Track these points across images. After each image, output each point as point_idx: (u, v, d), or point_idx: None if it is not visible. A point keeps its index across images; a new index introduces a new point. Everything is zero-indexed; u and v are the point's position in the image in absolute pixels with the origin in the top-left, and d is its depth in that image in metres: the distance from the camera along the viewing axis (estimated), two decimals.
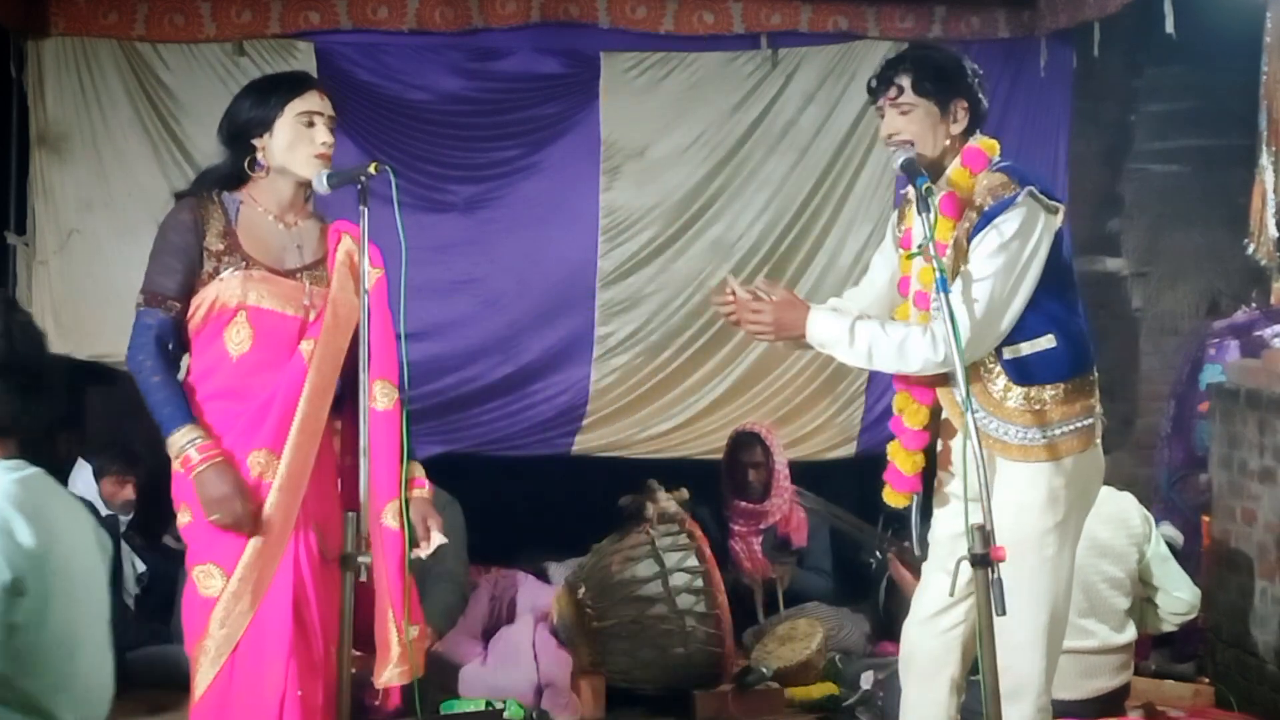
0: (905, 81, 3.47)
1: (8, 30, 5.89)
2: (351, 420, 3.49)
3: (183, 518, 3.39)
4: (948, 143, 3.48)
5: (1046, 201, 3.42)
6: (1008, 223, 3.36)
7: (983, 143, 3.51)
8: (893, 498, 3.66)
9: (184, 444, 3.28)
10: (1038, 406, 3.45)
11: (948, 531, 3.61)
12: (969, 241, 3.40)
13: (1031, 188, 3.39)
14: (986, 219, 3.38)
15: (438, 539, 3.47)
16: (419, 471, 3.51)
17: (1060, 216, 3.46)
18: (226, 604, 3.30)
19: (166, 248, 3.37)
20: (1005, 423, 3.45)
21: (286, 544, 3.34)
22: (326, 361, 3.40)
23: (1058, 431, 3.46)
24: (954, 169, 3.47)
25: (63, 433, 6.76)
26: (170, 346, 3.38)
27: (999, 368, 3.46)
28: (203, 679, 3.32)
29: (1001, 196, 3.38)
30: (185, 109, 5.88)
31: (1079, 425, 3.48)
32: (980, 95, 3.51)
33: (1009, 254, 3.35)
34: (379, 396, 3.41)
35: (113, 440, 5.81)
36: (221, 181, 3.46)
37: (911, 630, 3.69)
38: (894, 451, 3.65)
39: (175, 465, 3.32)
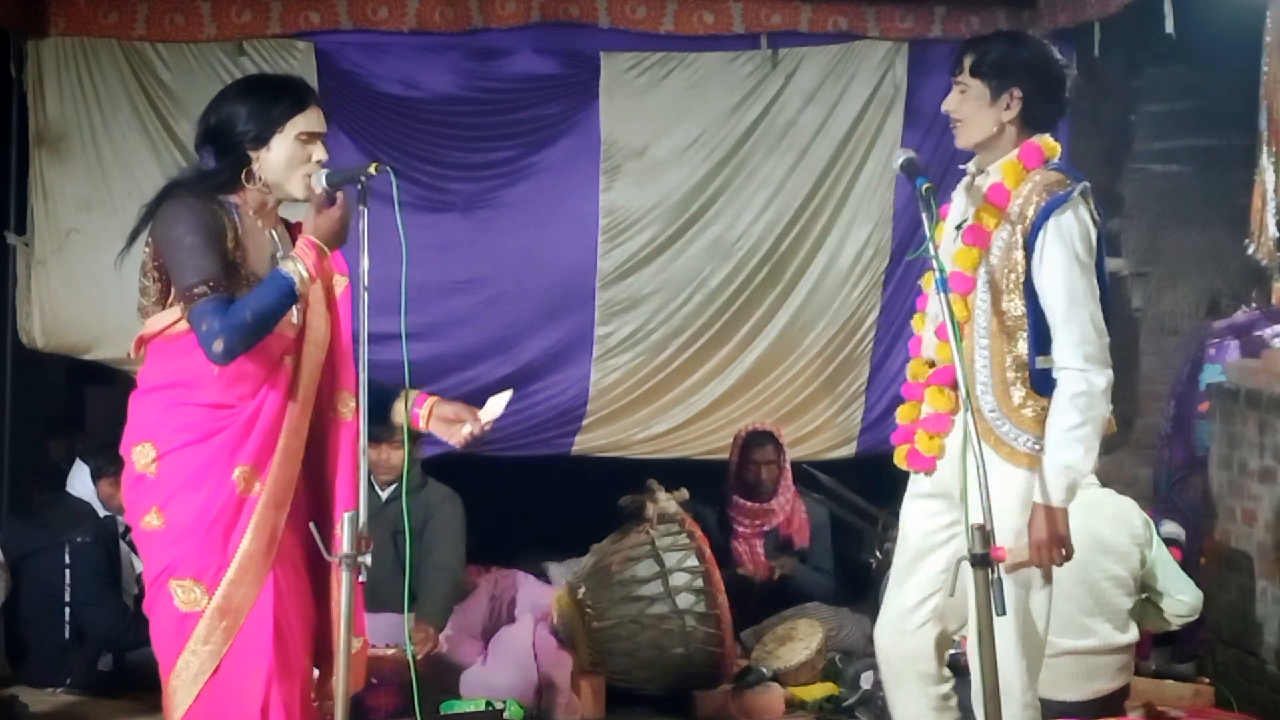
0: (968, 61, 3.53)
1: (8, 30, 5.89)
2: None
3: (150, 521, 3.27)
4: (996, 129, 3.51)
5: (1092, 208, 3.49)
6: (1069, 232, 3.41)
7: (1044, 142, 3.54)
8: (903, 461, 3.67)
9: (295, 266, 3.19)
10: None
11: (920, 529, 3.64)
12: (1029, 242, 3.43)
13: (1086, 184, 3.46)
14: (1044, 215, 3.42)
15: (492, 409, 3.46)
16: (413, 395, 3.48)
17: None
18: (210, 620, 3.21)
19: (205, 240, 3.19)
20: (1018, 429, 3.46)
21: (271, 560, 3.27)
22: (308, 374, 3.35)
23: None
24: (1007, 160, 3.51)
25: (62, 433, 6.78)
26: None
27: (1025, 374, 3.47)
28: (185, 696, 3.23)
29: (1056, 193, 3.43)
30: (185, 109, 5.87)
31: None
32: (1057, 91, 3.54)
33: (1083, 263, 3.42)
34: (342, 408, 3.39)
35: (111, 441, 5.77)
36: (220, 188, 3.33)
37: (884, 632, 3.72)
38: (904, 414, 3.69)
39: (305, 275, 3.20)
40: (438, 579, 5.39)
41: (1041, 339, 3.46)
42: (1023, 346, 3.46)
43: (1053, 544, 3.41)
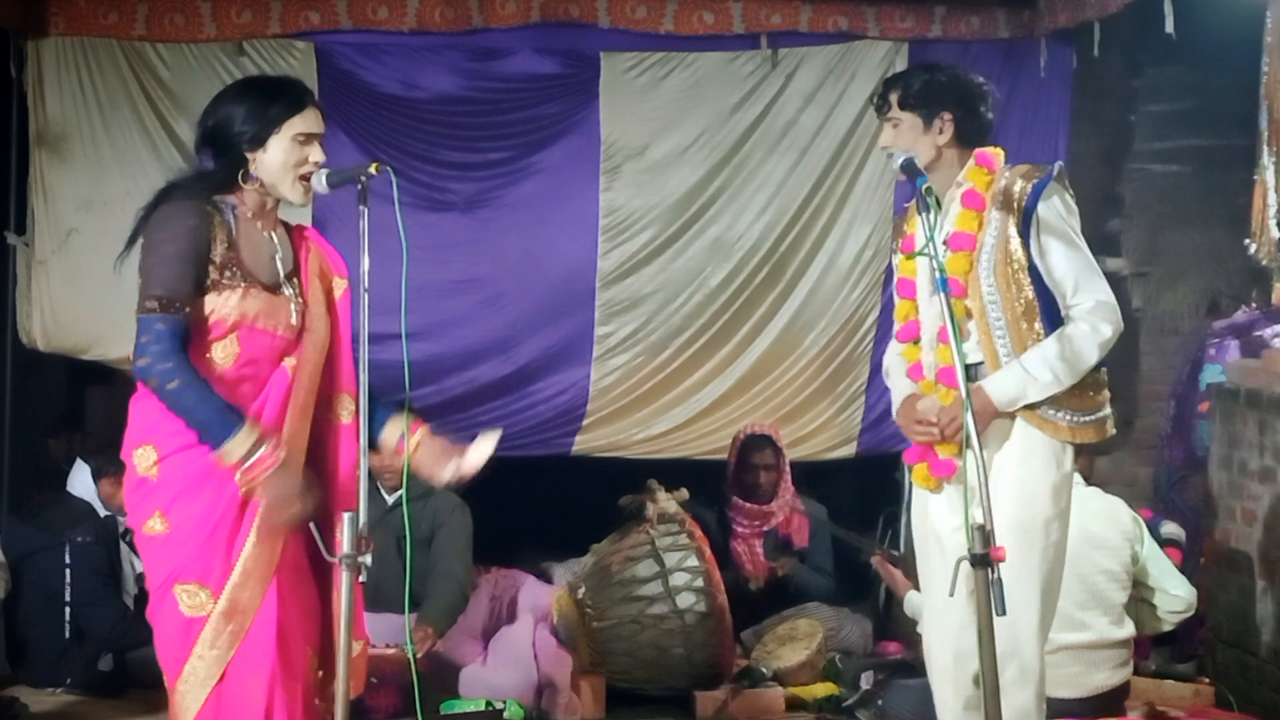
0: (893, 97, 3.72)
1: (8, 30, 5.89)
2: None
3: (153, 526, 3.23)
4: (935, 154, 3.68)
5: (1068, 186, 3.68)
6: (1058, 212, 3.59)
7: (990, 150, 3.72)
8: (926, 480, 3.73)
9: (252, 445, 3.12)
10: (1087, 391, 3.62)
11: (948, 525, 3.68)
12: (1023, 232, 3.58)
13: (1060, 164, 3.66)
14: (1031, 202, 3.58)
15: (477, 453, 3.48)
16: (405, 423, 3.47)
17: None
18: (216, 624, 3.19)
19: (179, 253, 3.19)
20: (1054, 406, 3.59)
21: (275, 561, 3.25)
22: (308, 377, 3.34)
23: (1093, 416, 3.64)
24: (969, 169, 3.68)
25: (62, 433, 6.78)
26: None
27: None
28: (193, 701, 3.21)
29: (1036, 178, 3.61)
30: (185, 109, 5.87)
31: (1106, 414, 3.68)
32: (980, 108, 3.72)
33: (1078, 234, 3.62)
34: (341, 410, 3.39)
35: (111, 441, 5.76)
36: (217, 189, 3.31)
37: (933, 633, 3.77)
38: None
39: (237, 474, 3.14)
40: (445, 588, 5.39)
41: (1054, 318, 3.61)
42: (1039, 326, 3.61)
43: (956, 425, 3.50)
